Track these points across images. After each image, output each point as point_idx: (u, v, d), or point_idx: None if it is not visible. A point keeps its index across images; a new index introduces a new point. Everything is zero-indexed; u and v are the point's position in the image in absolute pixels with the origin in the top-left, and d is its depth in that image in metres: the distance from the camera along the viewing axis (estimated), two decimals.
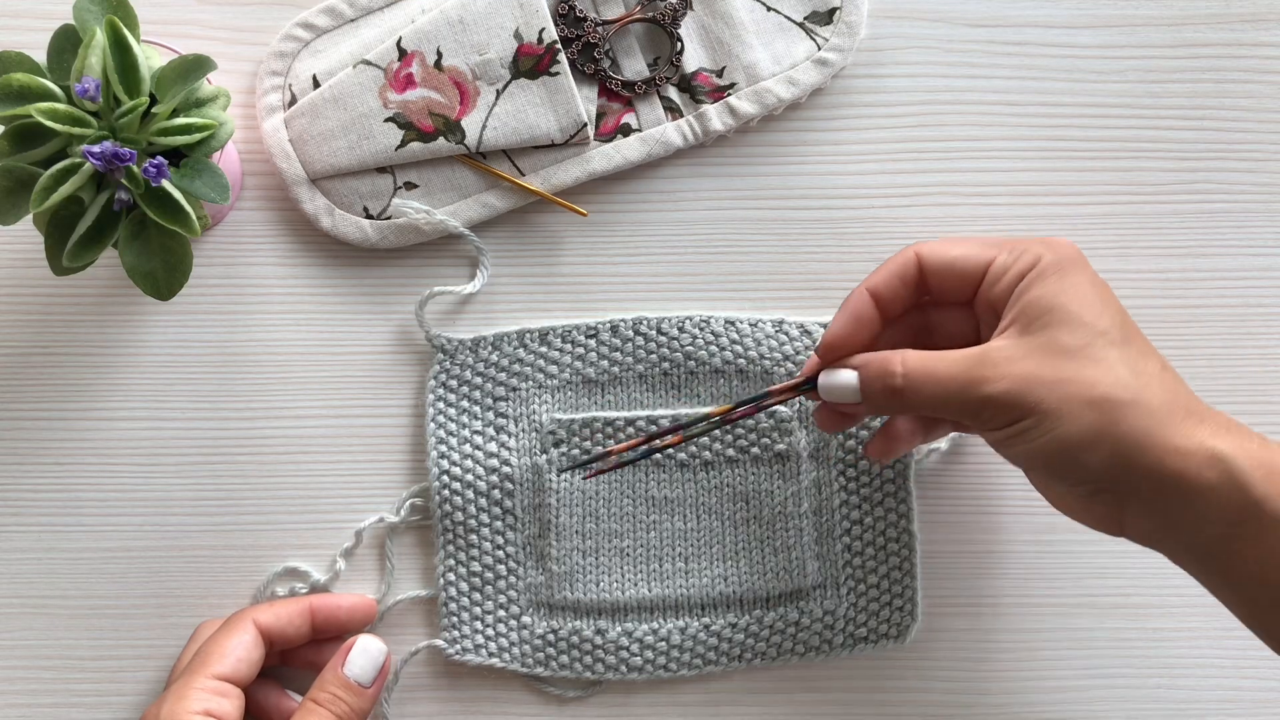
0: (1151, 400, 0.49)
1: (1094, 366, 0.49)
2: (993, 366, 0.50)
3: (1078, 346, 0.49)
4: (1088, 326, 0.50)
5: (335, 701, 0.58)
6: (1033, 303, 0.51)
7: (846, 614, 0.64)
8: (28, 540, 0.65)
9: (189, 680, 0.57)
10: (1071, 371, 0.49)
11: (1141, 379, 0.49)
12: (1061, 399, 0.49)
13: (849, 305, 0.55)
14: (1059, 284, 0.51)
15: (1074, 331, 0.50)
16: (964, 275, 0.53)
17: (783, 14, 0.65)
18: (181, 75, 0.54)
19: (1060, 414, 0.49)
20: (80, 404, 0.65)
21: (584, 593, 0.64)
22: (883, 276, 0.55)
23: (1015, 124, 0.66)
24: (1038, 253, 0.52)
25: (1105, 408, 0.48)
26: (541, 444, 0.64)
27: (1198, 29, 0.66)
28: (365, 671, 0.59)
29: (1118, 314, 0.51)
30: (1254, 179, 0.66)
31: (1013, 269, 0.52)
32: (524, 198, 0.65)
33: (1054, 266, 0.51)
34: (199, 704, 0.56)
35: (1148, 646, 0.66)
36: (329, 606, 0.62)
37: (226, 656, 0.58)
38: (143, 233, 0.55)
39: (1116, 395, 0.49)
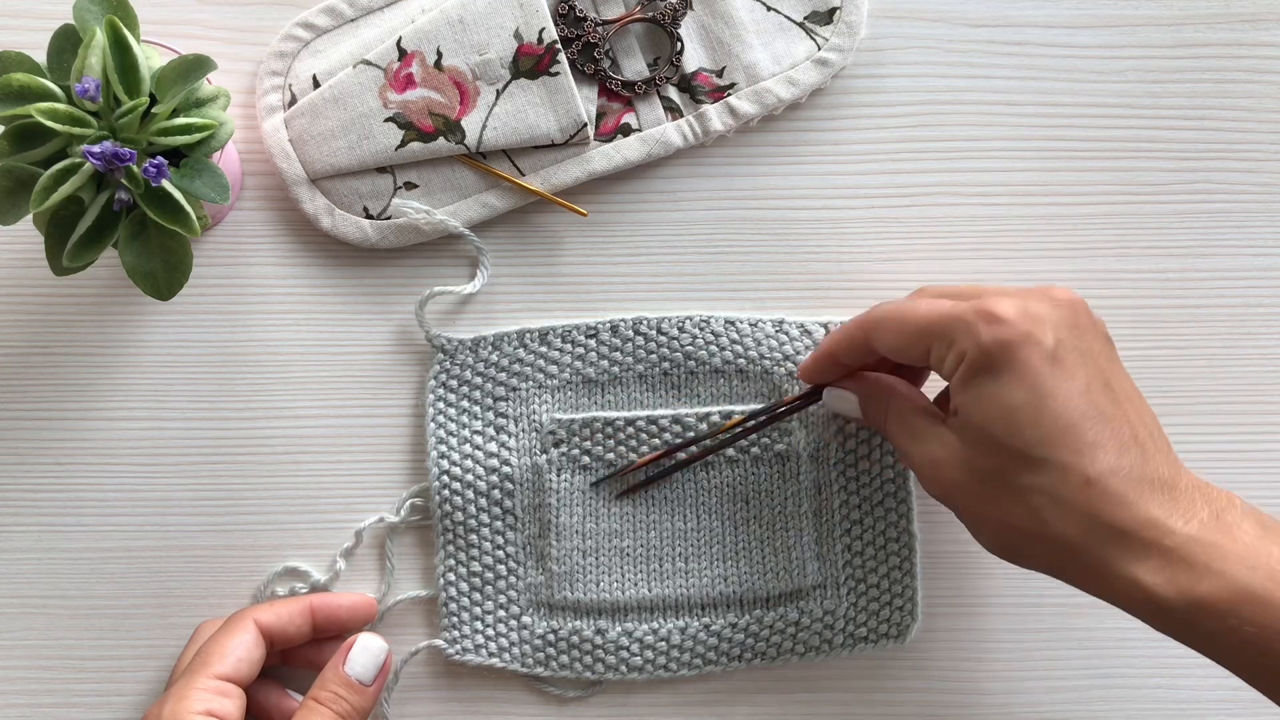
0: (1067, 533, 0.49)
1: (1007, 495, 0.50)
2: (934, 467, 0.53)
3: (993, 471, 0.50)
4: (999, 449, 0.50)
5: (336, 700, 0.58)
6: (959, 407, 0.51)
7: (846, 614, 0.64)
8: (28, 540, 0.65)
9: (190, 680, 0.57)
10: (986, 497, 0.51)
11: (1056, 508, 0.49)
12: (977, 517, 0.52)
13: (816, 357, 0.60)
14: (978, 393, 0.50)
15: (988, 455, 0.50)
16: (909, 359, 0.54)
17: (783, 14, 0.65)
18: (181, 75, 0.54)
19: (979, 528, 0.53)
20: (80, 404, 0.65)
21: (584, 593, 0.64)
22: (837, 342, 0.58)
23: (1015, 124, 0.66)
24: (962, 349, 0.51)
25: (1019, 538, 0.50)
26: (541, 444, 0.64)
27: (1198, 29, 0.66)
28: (366, 669, 0.59)
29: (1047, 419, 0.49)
30: (1254, 179, 0.66)
31: (944, 364, 0.52)
32: (524, 198, 0.65)
33: (976, 366, 0.50)
34: (200, 704, 0.56)
35: (1148, 646, 0.66)
36: (329, 606, 0.62)
37: (227, 656, 0.58)
38: (143, 233, 0.55)
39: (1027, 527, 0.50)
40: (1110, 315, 0.66)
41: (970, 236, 0.66)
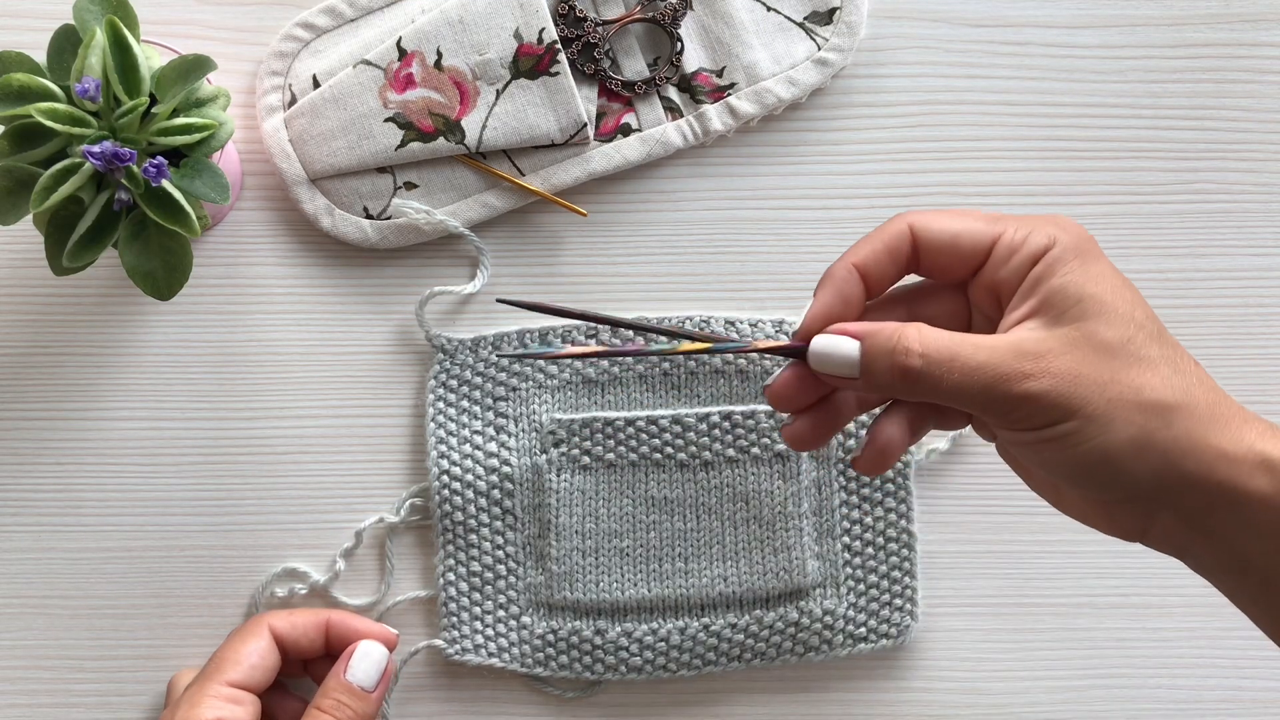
0: (1198, 403, 0.44)
1: (1138, 366, 0.44)
2: (1033, 360, 0.44)
3: (1119, 342, 0.44)
4: (1125, 319, 0.45)
5: (339, 707, 0.58)
6: (1058, 290, 0.45)
7: (846, 614, 0.64)
8: (28, 540, 0.65)
9: (202, 687, 0.56)
10: (1116, 371, 0.44)
11: (1185, 379, 0.45)
12: (1109, 402, 0.44)
13: (833, 282, 0.48)
14: (1084, 270, 0.45)
15: (1112, 325, 0.44)
16: (966, 253, 0.47)
17: (783, 14, 0.65)
18: (181, 75, 0.54)
19: (1108, 419, 0.44)
20: (80, 404, 0.65)
21: (584, 593, 0.64)
22: (870, 251, 0.48)
23: (1015, 124, 0.66)
24: (1051, 233, 0.46)
25: (1154, 412, 0.44)
26: (541, 444, 0.64)
27: (1198, 29, 0.66)
28: (368, 676, 0.59)
29: (1145, 305, 0.46)
30: (1254, 179, 0.66)
31: (1024, 249, 0.46)
32: (524, 198, 0.65)
33: (1074, 250, 0.46)
34: (212, 712, 0.55)
35: (1148, 646, 0.66)
36: (347, 628, 0.61)
37: (241, 663, 0.57)
38: (143, 233, 0.55)
39: (1165, 398, 0.44)
40: None
41: None
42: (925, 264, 0.48)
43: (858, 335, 0.46)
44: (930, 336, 0.45)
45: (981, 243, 0.47)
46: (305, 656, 0.61)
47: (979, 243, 0.47)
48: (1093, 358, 0.44)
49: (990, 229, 0.47)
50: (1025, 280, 0.46)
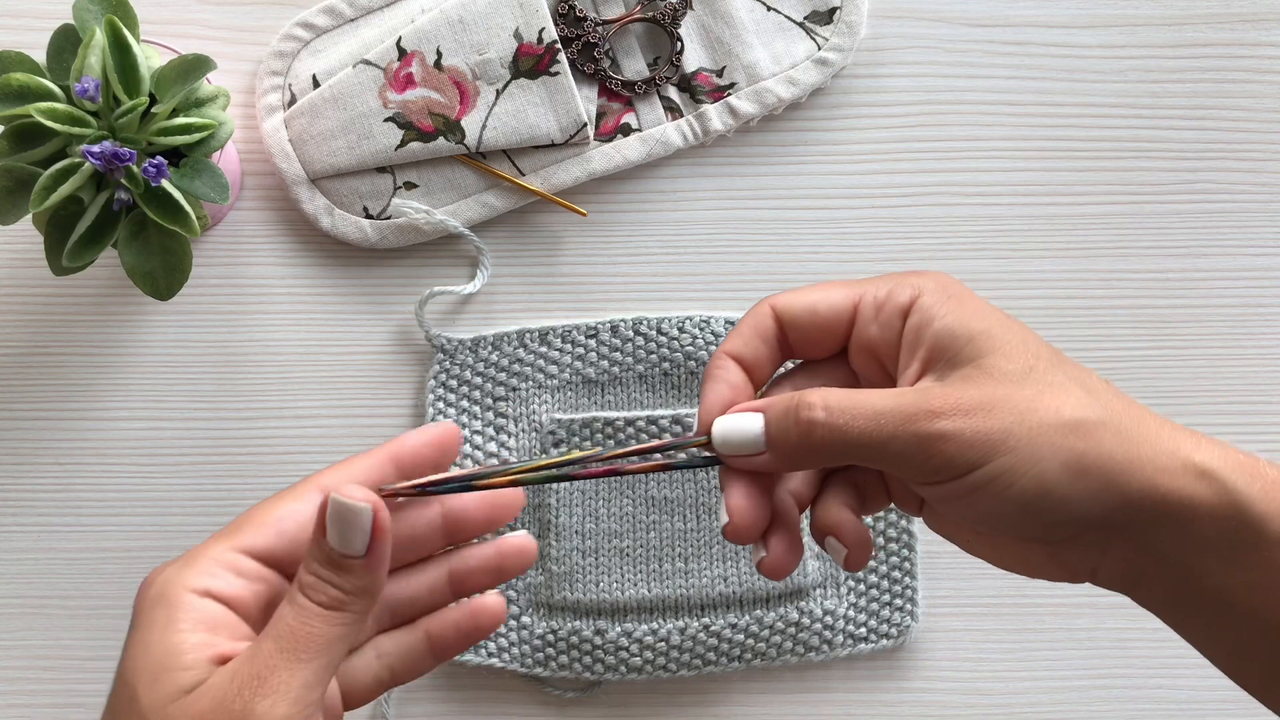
0: (1120, 417, 0.41)
1: (1050, 391, 0.41)
2: (941, 399, 0.40)
3: (1023, 371, 0.41)
4: (1020, 348, 0.42)
5: (318, 586, 0.41)
6: (944, 334, 0.42)
7: (846, 614, 0.64)
8: (27, 540, 0.65)
9: (205, 547, 0.43)
10: (1029, 399, 0.41)
11: (1100, 396, 0.42)
12: (1031, 430, 0.40)
13: (715, 374, 0.45)
14: (962, 309, 0.42)
15: (1010, 357, 0.41)
16: (828, 322, 0.44)
17: (783, 14, 0.65)
18: (181, 75, 0.54)
19: (1035, 448, 0.40)
20: (80, 404, 0.65)
21: (584, 593, 0.64)
22: (740, 338, 0.45)
23: (1015, 124, 0.66)
24: (914, 284, 0.43)
25: (1081, 432, 0.40)
26: (541, 444, 0.64)
27: (1198, 29, 0.66)
28: (347, 536, 0.41)
29: (1036, 334, 0.43)
30: (1254, 179, 0.66)
31: (889, 304, 0.43)
32: (524, 198, 0.65)
33: (944, 293, 0.43)
34: (202, 579, 0.41)
35: (1148, 647, 0.65)
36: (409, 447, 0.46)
37: (266, 526, 0.43)
38: (142, 233, 0.55)
39: (1087, 417, 0.41)
40: (1110, 315, 0.66)
41: (970, 236, 0.66)
42: (794, 341, 0.45)
43: (758, 409, 0.43)
44: (832, 392, 0.42)
45: (841, 309, 0.44)
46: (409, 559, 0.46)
47: (839, 309, 0.44)
48: (1002, 389, 0.41)
49: (849, 294, 0.44)
50: (904, 336, 0.43)
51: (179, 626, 0.40)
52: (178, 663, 0.39)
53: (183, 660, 0.39)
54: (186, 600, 0.40)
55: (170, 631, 0.40)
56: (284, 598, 0.41)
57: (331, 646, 0.41)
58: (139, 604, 0.41)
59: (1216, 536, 0.41)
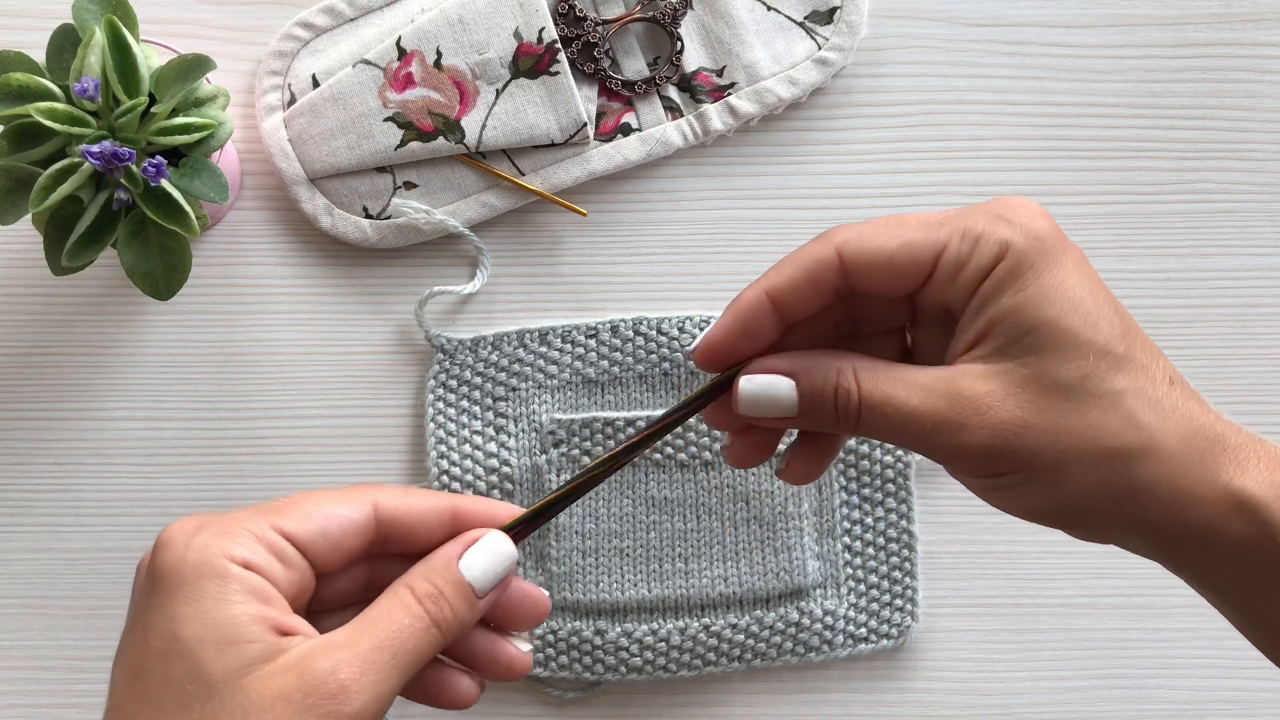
0: (1167, 441, 0.39)
1: (1097, 407, 0.39)
2: (971, 410, 0.39)
3: (1075, 381, 0.39)
4: (1084, 347, 0.39)
5: (439, 601, 0.41)
6: (1007, 316, 0.39)
7: (846, 614, 0.64)
8: (27, 540, 0.65)
9: (246, 518, 0.41)
10: (1070, 416, 0.39)
11: (1154, 412, 0.39)
12: (1062, 453, 0.39)
13: (736, 310, 0.43)
14: (1039, 287, 0.39)
15: (1067, 358, 0.39)
16: (906, 274, 0.41)
17: (783, 13, 0.65)
18: (181, 75, 0.54)
19: (1060, 472, 0.39)
20: (80, 404, 0.65)
21: (584, 593, 0.64)
22: (789, 279, 0.42)
23: (1015, 124, 0.66)
24: (1003, 238, 0.40)
25: (1114, 461, 0.39)
26: (541, 444, 0.64)
27: (1198, 29, 0.66)
28: (486, 576, 0.42)
29: (1113, 313, 0.40)
30: (1254, 179, 0.66)
31: (971, 264, 0.40)
32: (524, 197, 0.65)
33: (1028, 258, 0.39)
34: (243, 552, 0.40)
35: (1149, 647, 0.65)
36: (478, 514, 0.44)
37: (309, 517, 0.41)
38: (142, 232, 0.55)
39: (1127, 444, 0.39)
40: None
41: None
42: (859, 288, 0.42)
43: (790, 373, 0.41)
44: (867, 377, 0.41)
45: (923, 260, 0.41)
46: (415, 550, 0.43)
47: (920, 260, 0.41)
48: (1042, 403, 0.39)
49: (930, 240, 0.41)
50: (974, 299, 0.40)
51: (232, 598, 0.38)
52: (242, 634, 0.38)
53: (247, 632, 0.38)
54: (233, 570, 0.39)
55: (225, 602, 0.38)
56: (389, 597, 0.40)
57: (421, 664, 0.40)
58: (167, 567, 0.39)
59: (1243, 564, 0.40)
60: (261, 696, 0.37)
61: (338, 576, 0.43)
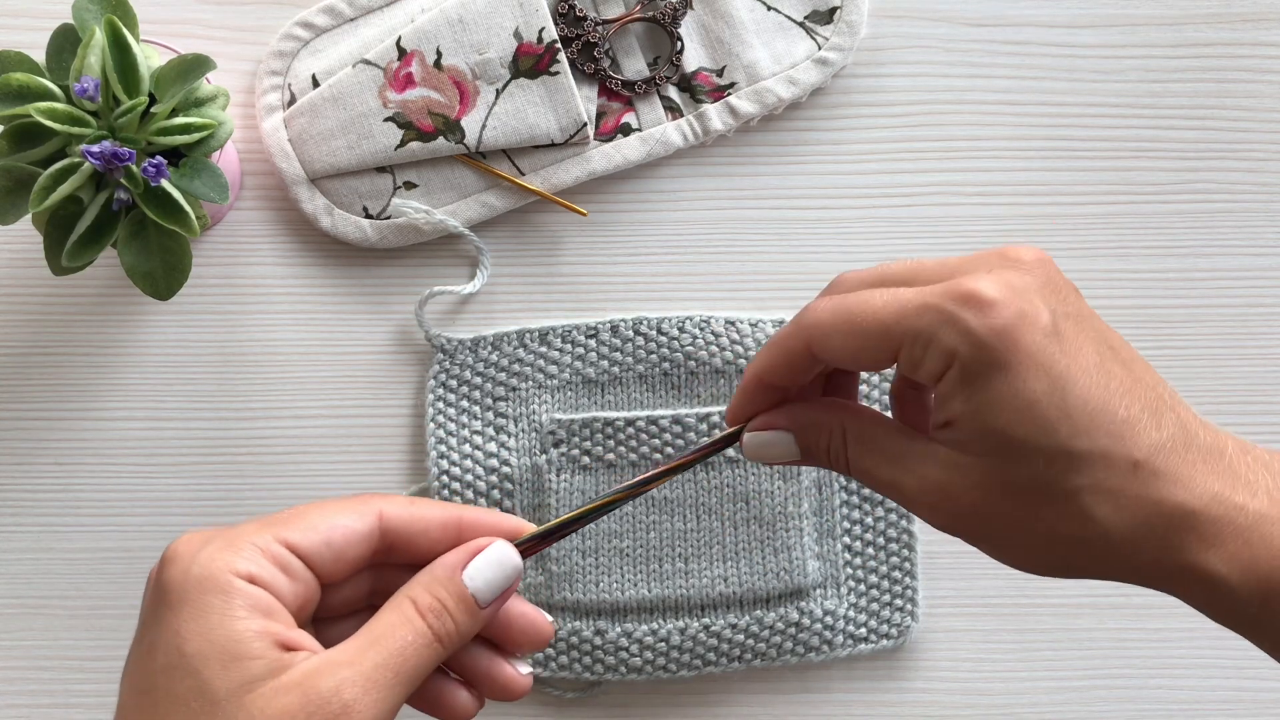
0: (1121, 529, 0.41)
1: (1051, 505, 0.41)
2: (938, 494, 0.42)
3: (1028, 483, 0.41)
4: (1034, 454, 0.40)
5: (441, 614, 0.41)
6: (960, 418, 0.41)
7: (846, 614, 0.64)
8: (27, 540, 0.65)
9: (251, 531, 0.41)
10: (1026, 513, 0.41)
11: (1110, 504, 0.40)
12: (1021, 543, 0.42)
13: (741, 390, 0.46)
14: (985, 397, 0.40)
15: (1019, 464, 0.40)
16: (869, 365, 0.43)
17: (783, 13, 0.65)
18: (181, 75, 0.54)
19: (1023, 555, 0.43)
20: (80, 404, 0.65)
21: (583, 593, 0.64)
22: (769, 365, 0.45)
23: (1015, 124, 0.66)
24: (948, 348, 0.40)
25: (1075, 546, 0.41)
26: (541, 444, 0.64)
27: (1199, 28, 0.66)
28: (490, 587, 0.42)
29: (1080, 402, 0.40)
30: (1254, 179, 0.66)
31: (923, 369, 0.41)
32: (524, 197, 0.65)
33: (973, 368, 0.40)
34: (248, 565, 0.40)
35: (1148, 646, 0.65)
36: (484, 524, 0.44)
37: (315, 529, 0.42)
38: (142, 232, 0.55)
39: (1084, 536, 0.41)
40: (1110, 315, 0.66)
41: (970, 236, 0.66)
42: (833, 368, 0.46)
43: (789, 429, 0.45)
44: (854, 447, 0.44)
45: (882, 359, 0.42)
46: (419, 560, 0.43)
47: (880, 359, 0.42)
48: (999, 500, 0.41)
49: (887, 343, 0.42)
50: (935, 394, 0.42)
51: (237, 613, 0.39)
52: (246, 650, 0.38)
53: (250, 648, 0.38)
54: (237, 585, 0.39)
55: (229, 618, 0.39)
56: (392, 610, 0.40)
57: (423, 678, 0.41)
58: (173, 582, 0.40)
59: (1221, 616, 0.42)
60: (265, 715, 0.37)
61: (343, 585, 0.43)
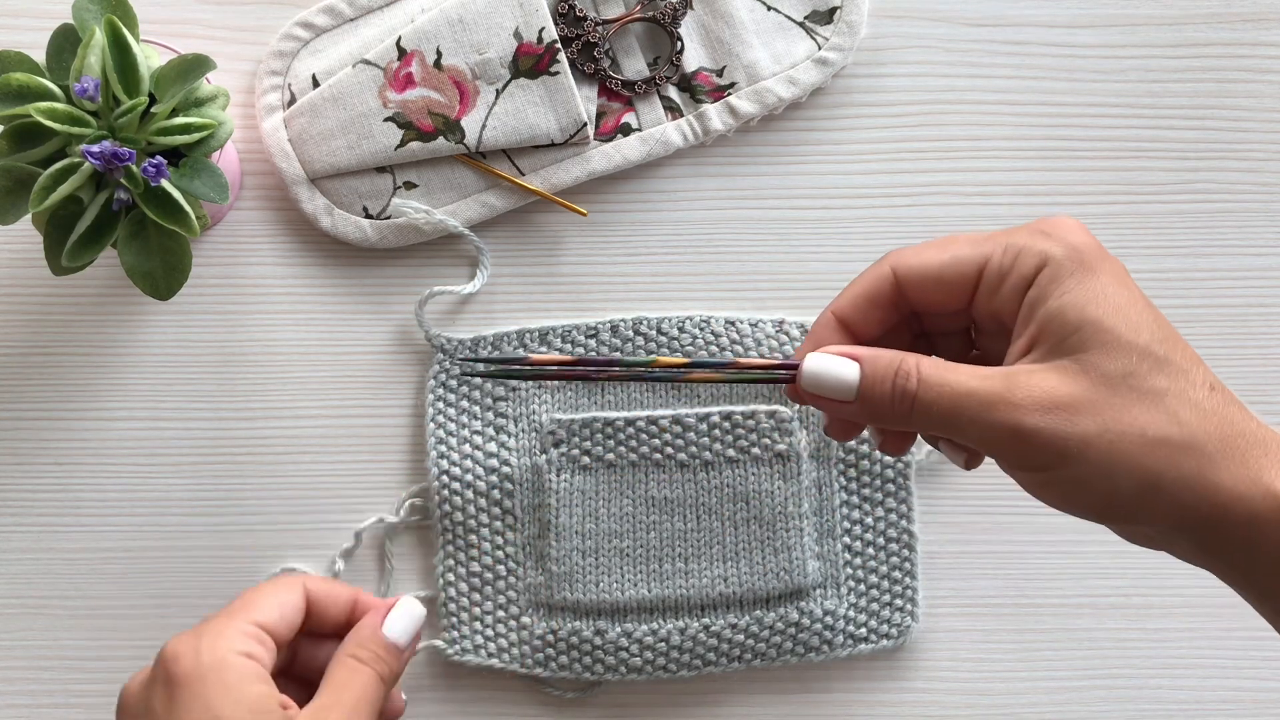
0: (1207, 438, 0.41)
1: (1141, 402, 0.41)
2: (1025, 390, 0.42)
3: (1120, 376, 0.42)
4: (1127, 346, 0.42)
5: (378, 661, 0.52)
6: (1054, 317, 0.42)
7: (846, 614, 0.64)
8: (27, 540, 0.65)
9: (229, 620, 0.50)
10: (1117, 410, 0.41)
11: (1194, 412, 0.42)
12: (1110, 445, 0.41)
13: (813, 332, 0.47)
14: (1081, 290, 0.42)
15: (1113, 355, 0.42)
16: (954, 287, 0.45)
17: (783, 13, 0.65)
18: (181, 75, 0.54)
19: (1109, 464, 0.41)
20: (79, 404, 0.65)
21: (584, 593, 0.64)
22: (851, 299, 0.46)
23: (1015, 124, 0.66)
24: (1042, 250, 0.43)
25: (1160, 454, 0.41)
26: (541, 444, 0.64)
27: (1198, 28, 0.66)
28: (405, 634, 0.53)
29: (1153, 321, 0.43)
30: (1254, 179, 0.66)
31: (1014, 273, 0.43)
32: (524, 197, 0.65)
33: (1070, 267, 0.43)
34: (242, 645, 0.49)
35: (1148, 647, 0.65)
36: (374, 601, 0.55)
37: (271, 610, 0.51)
38: (142, 232, 0.55)
39: (1170, 437, 0.41)
40: None
41: None
42: (915, 301, 0.46)
43: (856, 357, 0.44)
44: (927, 362, 0.43)
45: (967, 273, 0.45)
46: (324, 630, 0.54)
47: (964, 274, 0.45)
48: (1091, 395, 0.41)
49: (975, 254, 0.44)
50: (1022, 306, 0.43)
51: (250, 682, 0.47)
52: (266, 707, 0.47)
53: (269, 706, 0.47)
54: (243, 662, 0.48)
55: (247, 684, 0.47)
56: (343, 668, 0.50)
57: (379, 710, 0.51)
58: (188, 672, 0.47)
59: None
60: None
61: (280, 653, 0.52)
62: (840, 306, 0.46)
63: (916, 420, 0.43)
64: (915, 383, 0.43)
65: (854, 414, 0.45)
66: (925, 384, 0.43)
